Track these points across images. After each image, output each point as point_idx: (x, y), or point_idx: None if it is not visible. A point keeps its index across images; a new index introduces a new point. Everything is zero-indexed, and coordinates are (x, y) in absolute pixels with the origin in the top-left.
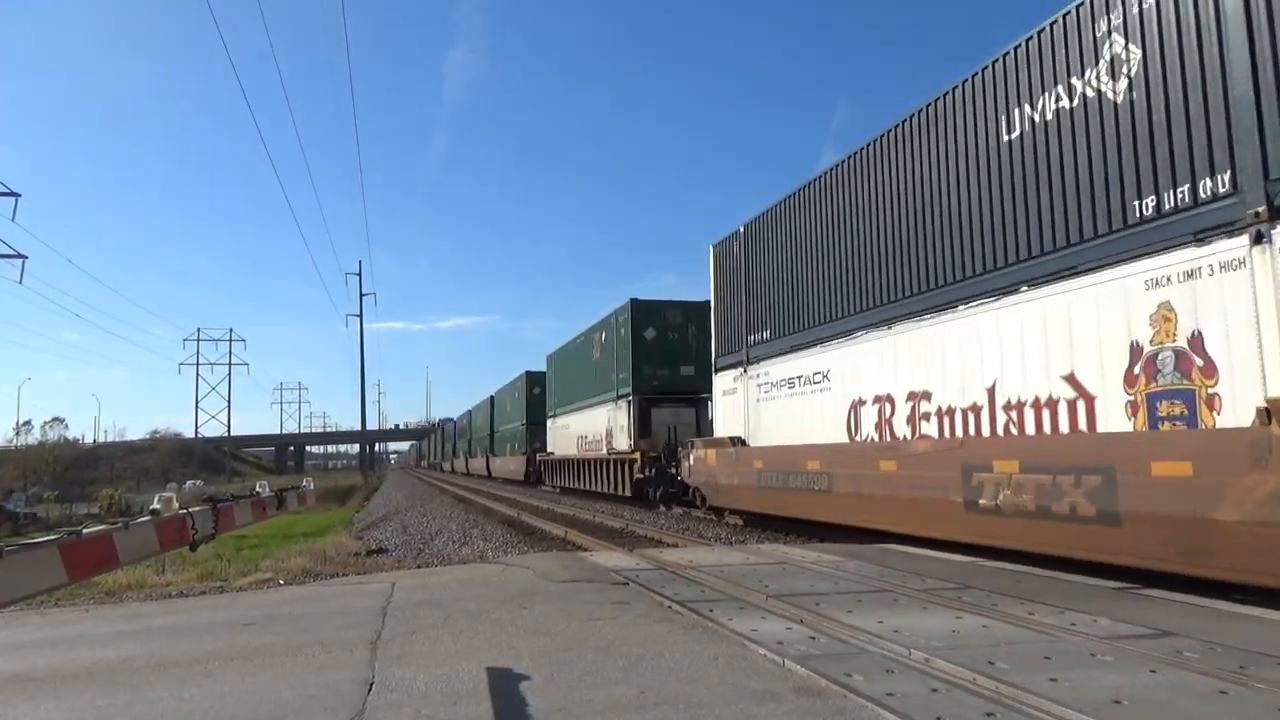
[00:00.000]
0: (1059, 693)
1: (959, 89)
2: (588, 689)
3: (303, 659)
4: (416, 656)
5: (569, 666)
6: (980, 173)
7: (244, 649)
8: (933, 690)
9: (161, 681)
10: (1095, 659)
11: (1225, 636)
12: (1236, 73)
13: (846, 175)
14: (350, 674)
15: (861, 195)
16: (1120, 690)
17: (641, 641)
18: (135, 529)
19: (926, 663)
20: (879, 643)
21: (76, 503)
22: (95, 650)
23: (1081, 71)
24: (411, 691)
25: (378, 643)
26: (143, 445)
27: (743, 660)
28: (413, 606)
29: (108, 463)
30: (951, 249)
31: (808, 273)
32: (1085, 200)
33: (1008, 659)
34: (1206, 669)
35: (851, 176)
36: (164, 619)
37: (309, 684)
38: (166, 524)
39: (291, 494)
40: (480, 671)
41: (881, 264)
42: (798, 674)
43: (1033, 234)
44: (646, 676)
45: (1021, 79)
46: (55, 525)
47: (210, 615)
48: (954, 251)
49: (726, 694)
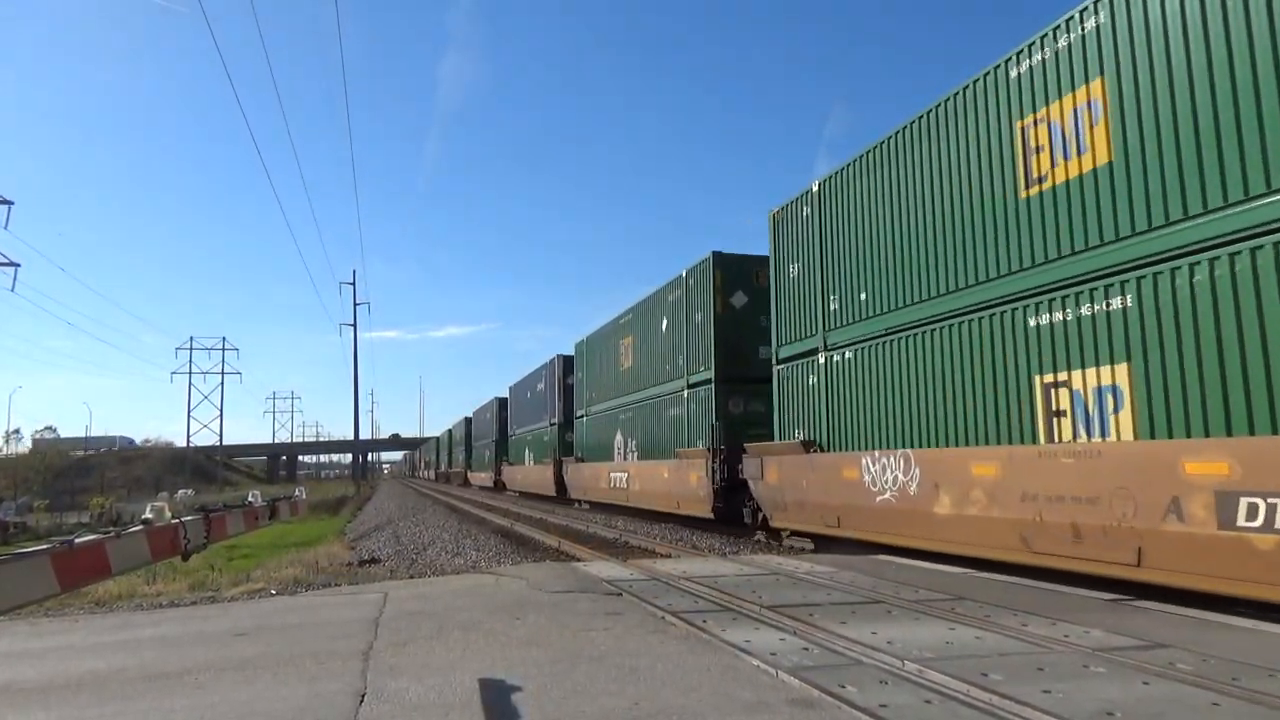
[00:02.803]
0: (1052, 704)
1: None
2: (581, 700)
3: (294, 669)
4: (409, 667)
5: (562, 678)
6: None
7: (235, 659)
8: (926, 702)
9: (151, 692)
10: (1088, 670)
11: (1218, 648)
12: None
13: (613, 329)
14: (342, 685)
15: None
16: (1113, 702)
17: (635, 652)
18: (127, 538)
19: (920, 674)
20: (873, 654)
21: (67, 512)
22: (85, 660)
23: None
24: (404, 703)
25: (370, 653)
26: (134, 454)
27: (736, 671)
28: (405, 617)
29: (98, 471)
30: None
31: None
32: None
33: (1001, 670)
34: (1199, 680)
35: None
36: (154, 629)
37: (300, 695)
38: (158, 533)
39: (284, 503)
40: (473, 683)
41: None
42: (791, 685)
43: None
44: (640, 688)
45: None
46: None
47: (201, 625)
48: None
49: (720, 705)
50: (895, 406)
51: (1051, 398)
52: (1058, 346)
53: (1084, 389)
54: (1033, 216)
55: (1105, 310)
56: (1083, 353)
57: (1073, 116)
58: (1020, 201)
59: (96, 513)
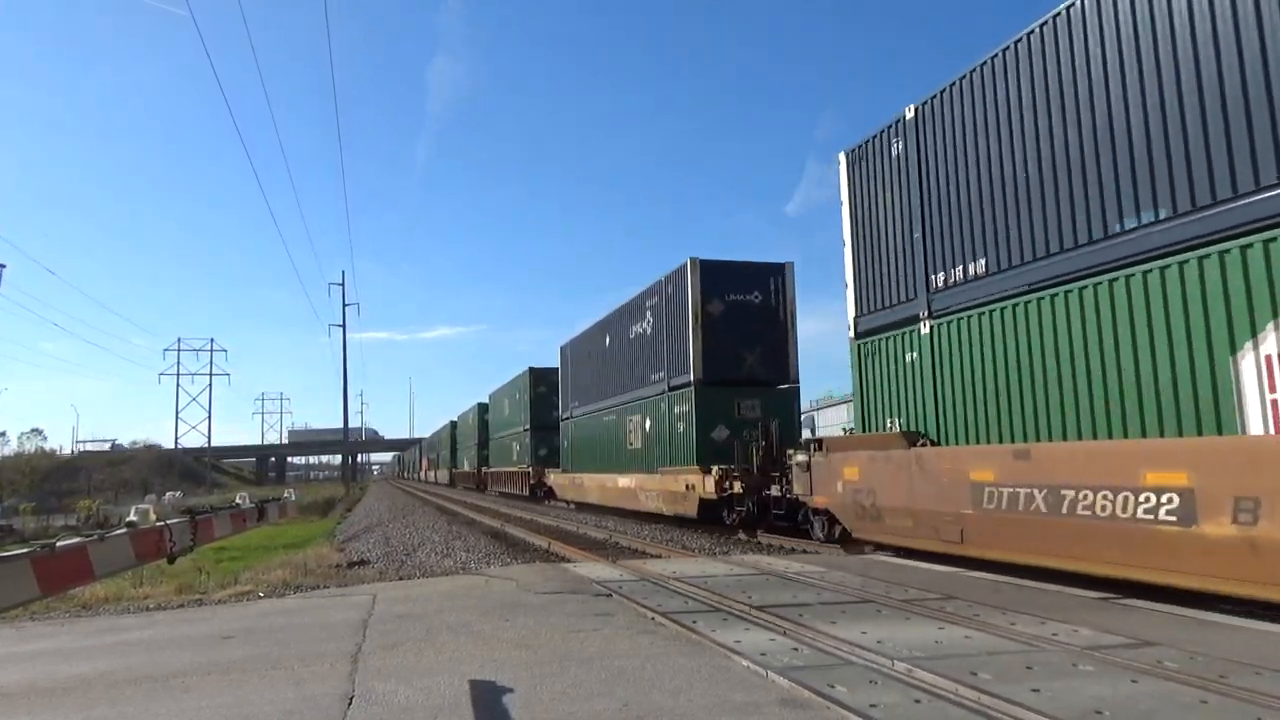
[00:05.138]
0: (1041, 703)
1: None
2: (571, 702)
3: (282, 672)
4: (398, 670)
5: (552, 679)
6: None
7: (222, 663)
8: (915, 701)
9: (138, 696)
10: (1077, 669)
11: (1205, 646)
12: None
13: (599, 329)
14: (330, 688)
15: None
16: (1102, 700)
17: (624, 654)
18: (111, 541)
19: (909, 674)
20: (862, 654)
21: (54, 514)
22: (70, 664)
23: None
24: (392, 705)
25: (358, 656)
26: (121, 456)
27: (726, 672)
28: (394, 619)
29: (86, 474)
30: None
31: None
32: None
33: (990, 669)
34: (1187, 678)
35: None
36: (141, 632)
37: (288, 698)
38: (143, 536)
39: (272, 505)
40: (462, 685)
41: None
42: (781, 686)
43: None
44: (629, 689)
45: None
46: (31, 538)
47: (188, 629)
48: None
49: (710, 706)
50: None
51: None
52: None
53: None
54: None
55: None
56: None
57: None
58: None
59: (84, 515)
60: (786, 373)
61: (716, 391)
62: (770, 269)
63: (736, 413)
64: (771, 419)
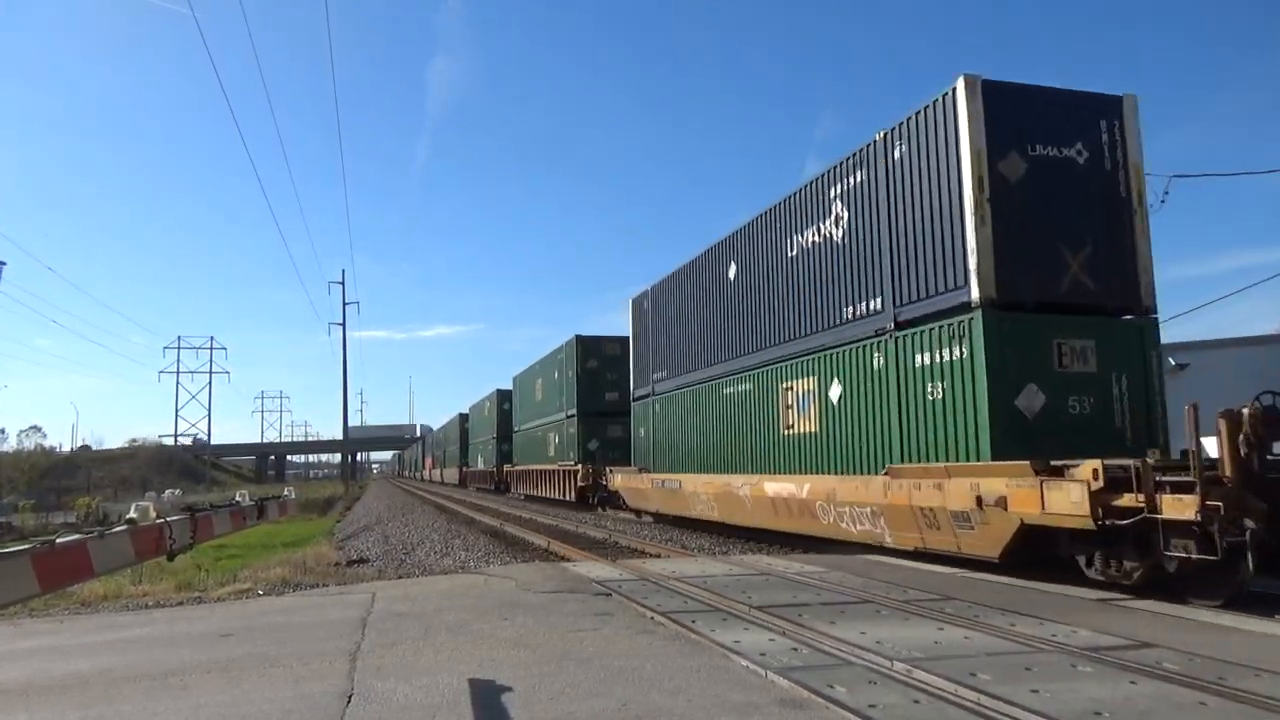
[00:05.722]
0: (1040, 704)
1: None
2: (569, 701)
3: (281, 671)
4: (396, 668)
5: (551, 678)
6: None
7: (221, 660)
8: (915, 702)
9: (136, 694)
10: (1076, 670)
11: (1204, 648)
12: None
13: (710, 260)
14: (329, 686)
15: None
16: (1101, 701)
17: (624, 653)
18: (110, 538)
19: (909, 674)
20: (862, 654)
21: (53, 512)
22: (69, 661)
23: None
24: (391, 704)
25: (357, 654)
26: (120, 454)
27: (725, 672)
28: (393, 618)
29: (85, 471)
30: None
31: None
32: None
33: (989, 670)
34: (1186, 680)
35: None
36: (140, 630)
37: (286, 696)
38: (143, 533)
39: (271, 503)
40: (461, 683)
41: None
42: (780, 686)
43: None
44: (628, 689)
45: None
46: (31, 534)
47: (187, 626)
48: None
49: (708, 706)
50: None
51: None
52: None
53: None
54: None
55: None
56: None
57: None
58: None
59: (83, 513)
60: (1136, 291)
61: (1023, 323)
62: (1101, 103)
63: (1057, 361)
64: (1114, 373)
